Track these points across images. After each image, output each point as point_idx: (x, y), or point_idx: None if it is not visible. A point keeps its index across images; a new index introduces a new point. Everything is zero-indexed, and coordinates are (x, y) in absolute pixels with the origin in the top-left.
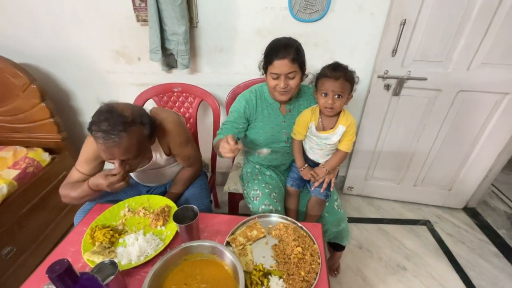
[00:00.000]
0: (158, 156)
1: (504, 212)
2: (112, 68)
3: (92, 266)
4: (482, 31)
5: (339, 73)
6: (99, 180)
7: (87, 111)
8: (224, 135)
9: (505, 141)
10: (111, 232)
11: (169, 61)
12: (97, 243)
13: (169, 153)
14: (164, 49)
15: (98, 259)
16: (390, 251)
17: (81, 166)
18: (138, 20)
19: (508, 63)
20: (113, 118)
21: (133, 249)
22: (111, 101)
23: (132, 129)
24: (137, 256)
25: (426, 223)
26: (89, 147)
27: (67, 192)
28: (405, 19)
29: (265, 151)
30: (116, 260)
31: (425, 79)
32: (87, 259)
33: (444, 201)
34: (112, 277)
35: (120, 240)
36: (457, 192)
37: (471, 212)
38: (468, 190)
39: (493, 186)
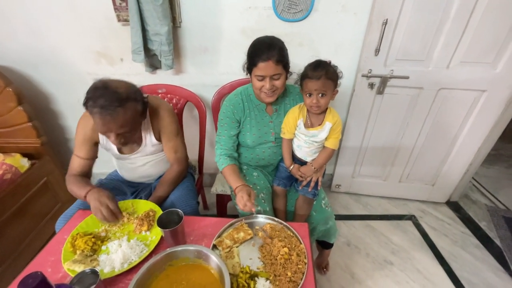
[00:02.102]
0: (148, 138)
1: (484, 205)
2: (93, 69)
3: (73, 276)
4: (460, 31)
5: (319, 72)
6: (92, 204)
7: (68, 114)
8: (223, 150)
9: (484, 136)
10: (93, 239)
11: (152, 61)
12: (78, 252)
13: (159, 138)
14: (147, 49)
15: (79, 268)
16: (377, 247)
17: (78, 150)
18: (119, 20)
19: (485, 62)
20: (108, 94)
21: (116, 256)
22: (104, 78)
23: (127, 104)
24: (120, 263)
25: (411, 218)
26: (81, 130)
27: (71, 186)
28: (387, 19)
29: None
30: (98, 269)
31: (407, 77)
32: (68, 268)
33: (428, 195)
34: (93, 286)
35: (103, 247)
36: (440, 186)
37: (453, 205)
38: (451, 184)
39: (474, 180)
